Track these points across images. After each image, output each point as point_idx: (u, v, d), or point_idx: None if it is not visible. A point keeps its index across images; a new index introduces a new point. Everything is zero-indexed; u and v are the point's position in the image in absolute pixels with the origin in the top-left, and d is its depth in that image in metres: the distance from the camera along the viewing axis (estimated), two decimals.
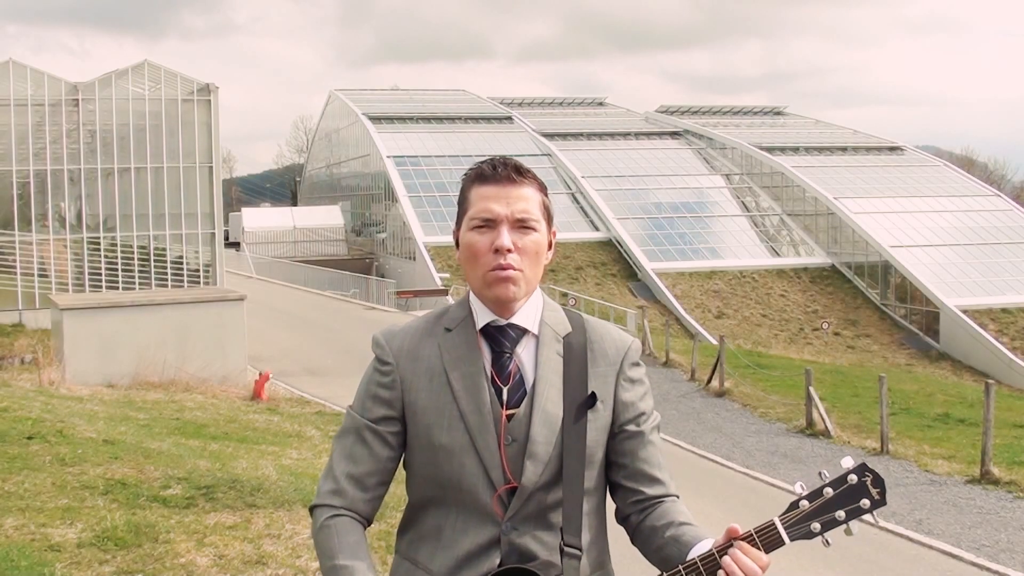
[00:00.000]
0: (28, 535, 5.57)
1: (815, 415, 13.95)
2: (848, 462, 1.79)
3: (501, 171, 1.93)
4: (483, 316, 1.93)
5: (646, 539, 1.90)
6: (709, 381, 18.12)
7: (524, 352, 1.93)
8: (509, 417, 1.88)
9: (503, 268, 1.88)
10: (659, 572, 1.83)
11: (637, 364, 1.99)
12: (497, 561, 1.85)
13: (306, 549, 5.69)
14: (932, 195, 42.96)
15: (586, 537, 1.90)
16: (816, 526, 1.76)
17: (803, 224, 43.33)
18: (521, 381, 1.91)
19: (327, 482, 1.93)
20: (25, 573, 4.92)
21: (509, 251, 1.87)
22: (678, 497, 1.96)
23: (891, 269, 37.65)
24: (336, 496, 1.91)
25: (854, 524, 1.77)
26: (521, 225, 1.90)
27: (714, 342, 23.55)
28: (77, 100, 24.08)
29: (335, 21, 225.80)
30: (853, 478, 1.77)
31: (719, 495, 10.25)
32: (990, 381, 11.87)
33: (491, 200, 1.90)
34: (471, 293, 1.97)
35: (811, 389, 14.06)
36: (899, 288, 37.48)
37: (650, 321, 24.28)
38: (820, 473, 1.81)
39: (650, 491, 1.93)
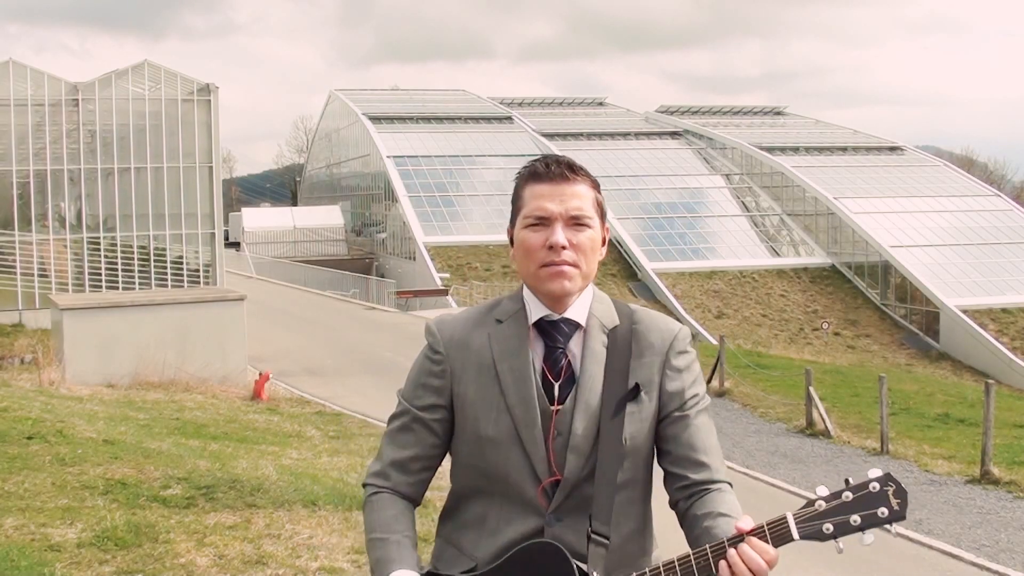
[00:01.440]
0: (28, 535, 5.57)
1: (815, 415, 13.95)
2: (874, 471, 1.78)
3: (555, 169, 1.93)
4: (536, 311, 1.94)
5: (688, 528, 1.91)
6: (709, 381, 18.12)
7: (575, 346, 1.94)
8: (556, 412, 1.90)
9: (557, 264, 1.89)
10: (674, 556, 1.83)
11: (684, 352, 1.99)
12: None
13: (306, 549, 5.69)
14: (932, 195, 42.97)
15: (627, 527, 1.92)
16: (828, 527, 1.75)
17: (803, 224, 43.34)
18: (572, 376, 1.93)
19: (375, 464, 2.01)
20: (25, 573, 4.92)
21: (564, 248, 1.89)
22: (730, 484, 1.96)
23: (891, 269, 37.65)
24: (380, 478, 1.99)
25: (869, 533, 1.75)
26: (575, 222, 1.91)
27: (714, 342, 23.53)
28: (77, 100, 24.07)
29: (335, 21, 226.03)
30: (875, 486, 1.76)
31: None
32: (990, 381, 11.87)
33: (545, 199, 1.91)
34: (524, 287, 1.99)
35: (811, 389, 14.05)
36: (899, 288, 37.49)
37: None
38: (846, 480, 1.79)
39: (695, 476, 1.93)
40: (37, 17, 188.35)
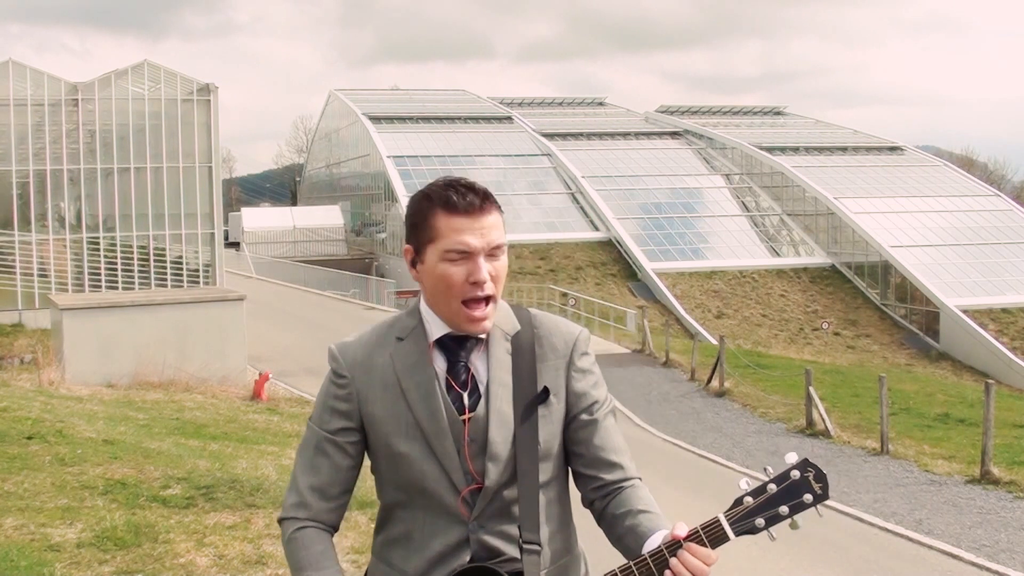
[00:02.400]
0: (28, 535, 5.57)
1: (815, 415, 13.95)
2: (791, 458, 1.83)
3: (471, 199, 1.90)
4: (437, 328, 1.96)
5: (609, 527, 1.95)
6: (709, 381, 18.12)
7: (477, 356, 1.97)
8: (467, 420, 1.92)
9: (477, 303, 1.90)
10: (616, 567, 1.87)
11: (586, 354, 2.03)
12: (467, 558, 1.90)
13: None
14: (932, 195, 42.95)
15: (550, 527, 1.96)
16: (760, 521, 1.80)
17: (803, 224, 43.33)
18: (477, 384, 1.95)
19: (292, 495, 2.00)
20: (25, 573, 4.91)
21: (485, 282, 1.90)
22: (640, 479, 2.00)
23: (891, 269, 37.65)
24: (301, 508, 1.98)
25: (799, 518, 1.81)
26: (492, 253, 1.92)
27: (714, 342, 23.54)
28: (77, 100, 24.07)
29: (335, 21, 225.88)
30: (796, 474, 1.81)
31: (719, 495, 10.23)
32: (990, 381, 11.86)
33: (465, 232, 1.89)
34: (422, 303, 2.00)
35: (811, 389, 14.05)
36: (899, 288, 37.48)
37: (650, 321, 24.28)
38: (765, 469, 1.85)
39: (609, 476, 1.97)
40: (38, 17, 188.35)
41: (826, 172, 44.73)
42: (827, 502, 1.84)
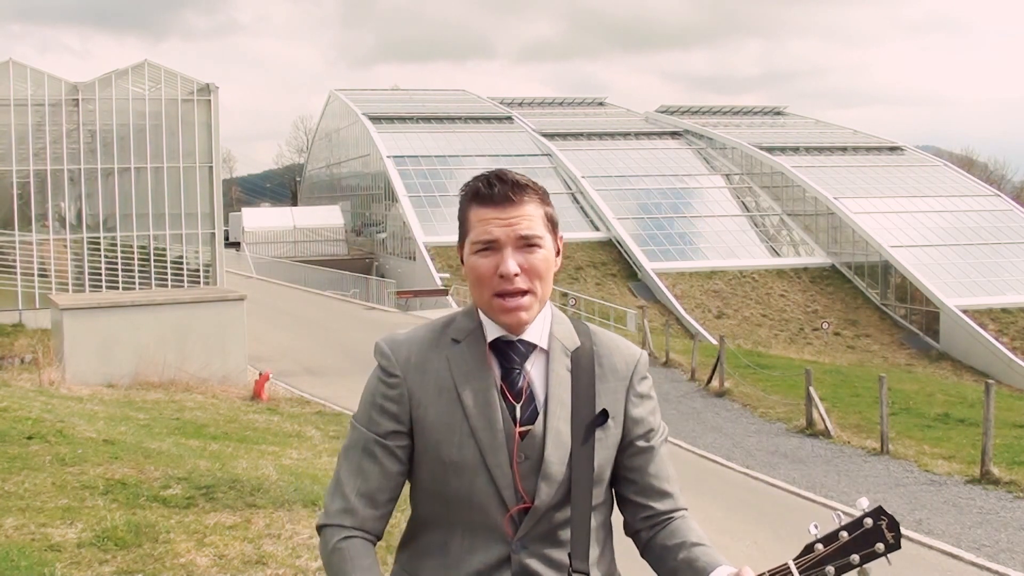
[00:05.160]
0: (28, 535, 5.57)
1: (815, 415, 13.95)
2: (864, 503, 1.77)
3: (499, 190, 1.83)
4: (492, 330, 1.88)
5: (658, 558, 1.88)
6: (709, 381, 18.12)
7: (534, 368, 1.88)
8: (522, 435, 1.83)
9: (511, 295, 1.82)
10: None
11: (645, 378, 1.96)
12: None
13: (306, 549, 5.70)
14: (932, 195, 42.97)
15: (596, 553, 1.87)
16: (830, 570, 1.73)
17: (803, 224, 43.34)
18: (532, 397, 1.86)
19: (336, 500, 1.87)
20: (25, 573, 4.92)
21: (516, 275, 1.81)
22: (687, 510, 1.95)
23: (891, 269, 37.65)
24: (347, 515, 1.86)
25: (869, 567, 1.75)
26: (526, 243, 1.83)
27: (714, 342, 23.53)
28: (77, 100, 24.06)
29: (336, 21, 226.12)
30: (868, 522, 1.75)
31: (719, 495, 10.24)
32: (990, 381, 11.87)
33: (491, 223, 1.82)
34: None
35: (811, 389, 14.05)
36: (899, 288, 37.49)
37: (650, 321, 24.27)
38: (836, 514, 1.78)
39: (660, 506, 1.91)
40: (39, 17, 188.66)
41: (826, 172, 44.75)
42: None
